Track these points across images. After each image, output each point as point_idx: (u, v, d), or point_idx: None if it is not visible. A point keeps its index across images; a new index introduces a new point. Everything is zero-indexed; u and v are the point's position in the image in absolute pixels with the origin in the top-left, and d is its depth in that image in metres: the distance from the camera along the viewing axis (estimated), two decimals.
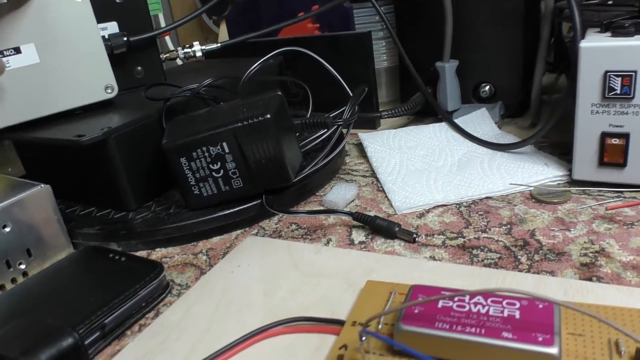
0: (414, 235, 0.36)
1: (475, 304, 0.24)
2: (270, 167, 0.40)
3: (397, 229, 0.37)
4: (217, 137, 0.39)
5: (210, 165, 0.40)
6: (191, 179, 0.41)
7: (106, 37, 0.51)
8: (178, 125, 0.42)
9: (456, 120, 0.55)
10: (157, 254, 0.40)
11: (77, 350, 0.29)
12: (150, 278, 0.34)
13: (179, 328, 0.30)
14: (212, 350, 0.27)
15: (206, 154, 0.40)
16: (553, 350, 0.21)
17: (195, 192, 0.41)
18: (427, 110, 0.60)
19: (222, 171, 0.40)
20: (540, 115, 0.57)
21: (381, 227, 0.38)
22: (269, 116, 0.39)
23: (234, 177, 0.41)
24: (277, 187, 0.43)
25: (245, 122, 0.39)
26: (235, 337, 0.27)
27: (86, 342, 0.29)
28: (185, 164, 0.40)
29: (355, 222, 0.40)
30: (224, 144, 0.39)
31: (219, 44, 0.60)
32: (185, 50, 0.59)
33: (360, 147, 0.55)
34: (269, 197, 0.42)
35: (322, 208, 0.44)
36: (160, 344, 0.29)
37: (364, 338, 0.23)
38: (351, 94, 0.53)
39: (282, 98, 0.43)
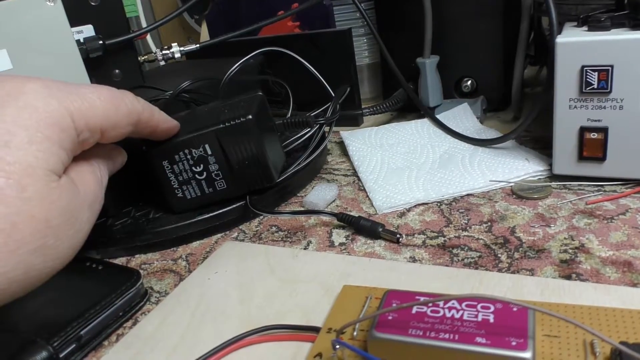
0: (398, 236, 0.36)
1: (450, 308, 0.23)
2: (253, 167, 0.40)
3: (380, 229, 0.37)
4: (199, 139, 0.39)
5: (193, 168, 0.40)
6: (174, 182, 0.40)
7: (81, 40, 0.50)
8: None
9: (438, 116, 0.54)
10: (136, 261, 0.40)
11: None
12: (127, 287, 0.33)
13: (153, 339, 0.29)
14: None
15: (188, 157, 0.39)
16: (526, 355, 0.21)
17: (178, 195, 0.41)
18: (410, 107, 0.60)
19: (205, 173, 0.40)
20: (522, 109, 0.57)
21: (365, 228, 0.37)
22: (250, 117, 0.38)
23: (217, 178, 0.40)
24: (260, 188, 0.42)
25: (227, 124, 0.39)
26: (210, 347, 0.27)
27: (61, 355, 0.29)
28: (167, 167, 0.40)
29: (337, 223, 0.40)
30: (206, 146, 0.39)
31: (197, 45, 0.59)
32: (164, 52, 0.58)
33: (342, 146, 0.55)
34: (253, 198, 0.42)
35: (304, 209, 0.43)
36: (134, 356, 0.28)
37: (337, 347, 0.23)
38: (333, 94, 0.52)
39: (263, 98, 0.42)
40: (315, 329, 0.27)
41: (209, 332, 0.29)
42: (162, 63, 0.61)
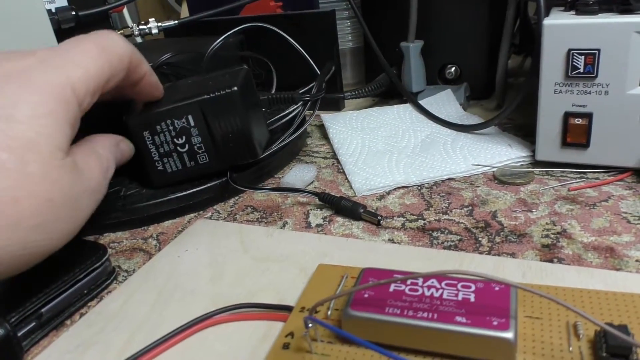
0: (379, 217, 0.35)
1: (429, 287, 0.22)
2: (237, 141, 0.39)
3: (361, 210, 0.36)
4: (183, 109, 0.37)
5: (175, 140, 0.38)
6: (155, 154, 0.39)
7: (53, 10, 0.48)
8: None
9: (421, 102, 0.53)
10: (105, 239, 0.38)
11: (8, 342, 0.26)
12: (92, 262, 0.31)
13: (117, 317, 0.28)
14: (150, 340, 0.25)
15: (170, 128, 0.38)
16: (508, 335, 0.20)
17: (159, 169, 0.39)
18: (392, 92, 0.59)
19: (187, 146, 0.39)
20: (505, 98, 0.56)
21: (346, 208, 0.36)
22: (235, 88, 0.37)
23: (200, 152, 0.39)
24: (241, 165, 0.41)
25: (211, 94, 0.37)
26: (177, 325, 0.25)
27: (20, 333, 0.27)
28: (148, 138, 0.38)
29: (314, 205, 0.39)
30: (189, 117, 0.38)
31: (176, 22, 0.57)
32: (141, 27, 0.56)
33: (322, 129, 0.53)
34: (234, 175, 0.40)
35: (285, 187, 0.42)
36: (96, 334, 0.27)
37: (310, 325, 0.21)
38: (318, 71, 0.51)
39: (248, 72, 0.41)
40: (288, 308, 0.25)
41: (177, 311, 0.28)
42: (139, 40, 0.59)
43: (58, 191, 0.24)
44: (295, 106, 0.46)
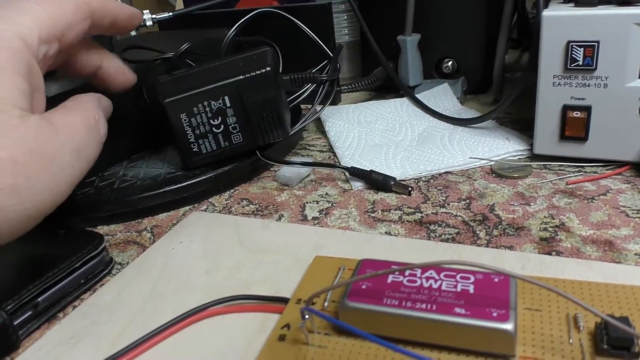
0: (410, 189, 0.36)
1: (427, 278, 0.22)
2: (270, 120, 0.40)
3: (392, 182, 0.37)
4: (219, 90, 0.38)
5: (211, 121, 0.39)
6: (190, 136, 0.39)
7: None
8: (170, 83, 0.40)
9: (418, 95, 0.53)
10: (98, 232, 0.37)
11: (5, 331, 0.25)
12: (88, 250, 0.30)
13: (110, 309, 0.27)
14: (144, 333, 0.24)
15: (207, 109, 0.38)
16: (508, 326, 0.20)
17: (194, 150, 0.40)
18: (389, 86, 0.58)
19: (222, 126, 0.39)
20: (502, 92, 0.56)
21: (377, 181, 0.38)
22: (269, 68, 0.38)
23: (234, 132, 0.40)
24: (241, 156, 0.42)
25: (247, 75, 0.38)
26: (171, 317, 0.25)
27: (16, 322, 0.26)
28: (185, 120, 0.38)
29: (308, 198, 0.38)
30: (226, 98, 0.38)
31: (171, 14, 0.56)
32: None
33: (318, 123, 0.53)
34: (225, 171, 0.41)
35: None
36: (89, 326, 0.26)
37: (306, 316, 0.21)
38: (330, 53, 0.51)
39: (274, 52, 0.42)
40: (284, 300, 0.25)
41: (171, 303, 0.27)
42: (133, 32, 0.59)
43: (20, 150, 0.23)
44: (305, 87, 0.46)
